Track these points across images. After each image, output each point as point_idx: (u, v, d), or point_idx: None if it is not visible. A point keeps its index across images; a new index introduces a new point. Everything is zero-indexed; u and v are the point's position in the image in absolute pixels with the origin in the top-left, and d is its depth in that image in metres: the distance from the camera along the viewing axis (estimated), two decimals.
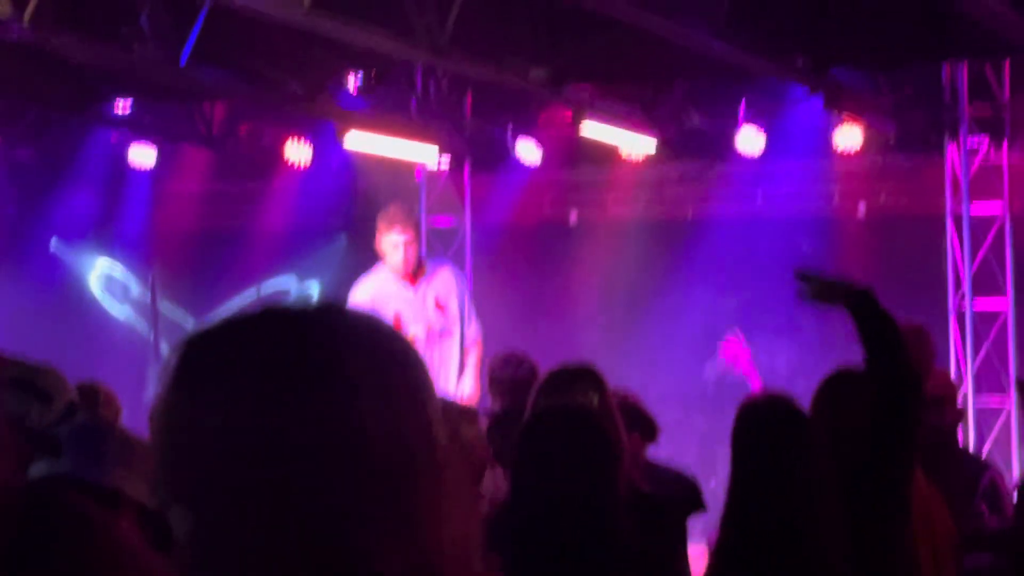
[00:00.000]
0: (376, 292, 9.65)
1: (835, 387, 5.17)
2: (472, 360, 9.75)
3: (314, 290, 14.29)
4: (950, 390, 7.70)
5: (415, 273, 9.69)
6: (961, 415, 8.10)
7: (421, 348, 9.34)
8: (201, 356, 1.73)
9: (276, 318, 1.74)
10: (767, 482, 4.38)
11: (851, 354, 6.97)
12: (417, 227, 9.83)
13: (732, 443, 4.53)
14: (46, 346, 11.61)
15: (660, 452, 7.36)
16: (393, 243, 9.60)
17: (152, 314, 13.29)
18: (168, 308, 14.21)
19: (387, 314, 9.50)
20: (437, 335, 9.54)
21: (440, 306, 9.67)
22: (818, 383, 5.20)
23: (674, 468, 6.65)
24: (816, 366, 7.39)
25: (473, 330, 9.73)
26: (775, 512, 4.33)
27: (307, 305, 1.76)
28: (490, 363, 8.36)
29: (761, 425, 4.50)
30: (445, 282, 9.75)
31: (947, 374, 8.80)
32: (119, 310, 14.70)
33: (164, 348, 13.93)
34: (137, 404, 12.86)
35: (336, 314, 1.76)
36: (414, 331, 9.52)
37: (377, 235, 9.84)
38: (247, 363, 1.70)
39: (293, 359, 1.69)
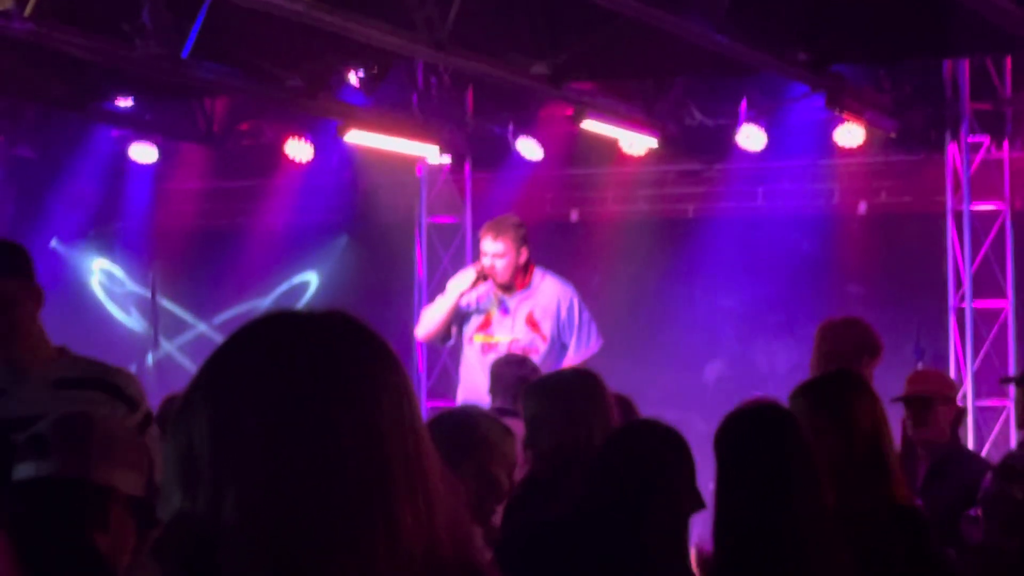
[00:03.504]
0: (466, 294, 9.40)
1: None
2: None
3: (312, 281, 14.28)
4: (945, 389, 7.68)
5: (513, 285, 9.38)
6: (962, 413, 8.09)
7: (497, 355, 9.22)
8: (220, 363, 1.84)
9: (286, 326, 1.85)
10: (757, 492, 4.33)
11: None
12: (514, 239, 9.34)
13: (720, 452, 4.49)
14: None
15: None
16: (483, 252, 9.43)
17: (152, 312, 13.30)
18: (168, 306, 14.21)
19: (477, 316, 9.42)
20: (520, 349, 9.24)
21: (533, 323, 9.36)
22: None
23: None
24: None
25: (582, 346, 9.31)
26: (768, 522, 4.29)
27: (313, 312, 1.87)
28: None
29: (748, 433, 4.46)
30: (546, 300, 9.40)
31: (939, 373, 8.73)
32: (119, 308, 14.70)
33: (164, 346, 13.94)
34: None
35: (337, 321, 1.86)
36: (498, 338, 9.33)
37: None
38: (265, 368, 1.80)
39: (299, 370, 1.79)
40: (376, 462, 1.76)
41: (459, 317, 9.47)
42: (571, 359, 9.28)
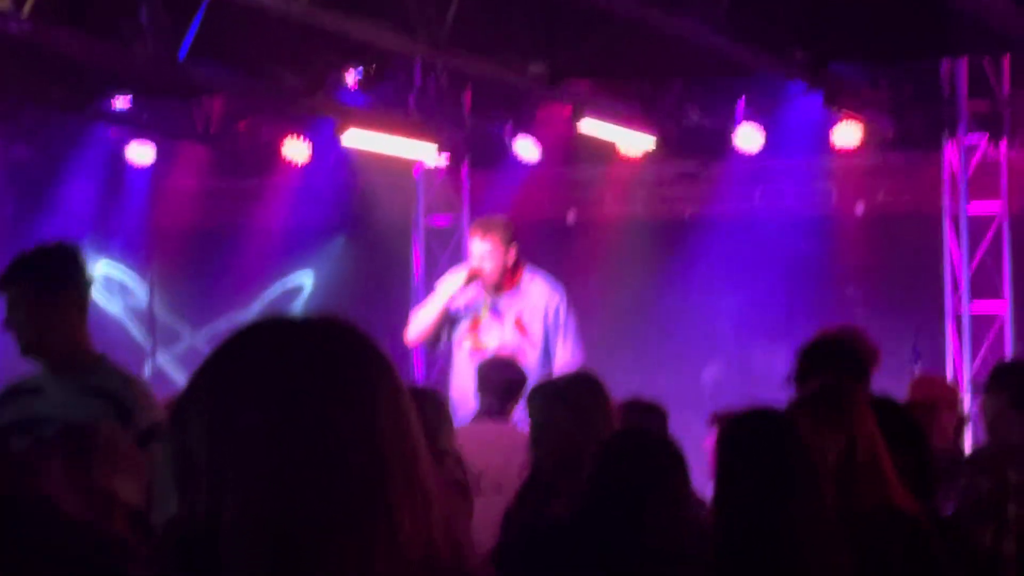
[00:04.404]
0: (456, 297, 9.38)
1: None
2: None
3: (307, 281, 14.26)
4: (949, 395, 7.69)
5: (501, 285, 9.31)
6: (964, 420, 8.10)
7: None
8: (217, 366, 1.84)
9: (283, 329, 1.85)
10: (757, 494, 4.35)
11: None
12: (503, 238, 9.25)
13: (720, 454, 4.51)
14: None
15: None
16: (472, 250, 9.39)
17: (149, 312, 13.30)
18: (165, 306, 14.20)
19: (466, 319, 9.39)
20: (508, 352, 9.20)
21: (521, 325, 9.29)
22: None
23: None
24: None
25: (562, 359, 9.19)
26: (767, 524, 4.31)
27: (308, 318, 1.86)
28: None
29: (749, 436, 4.48)
30: (534, 302, 9.30)
31: (943, 380, 8.72)
32: (117, 308, 14.69)
33: (161, 346, 13.93)
34: None
35: (332, 325, 1.86)
36: (486, 341, 9.29)
37: None
38: (264, 370, 1.79)
39: (297, 370, 1.79)
40: (376, 463, 1.76)
41: (449, 320, 9.42)
42: (559, 369, 9.19)
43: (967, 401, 11.59)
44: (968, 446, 11.10)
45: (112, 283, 14.74)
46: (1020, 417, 5.99)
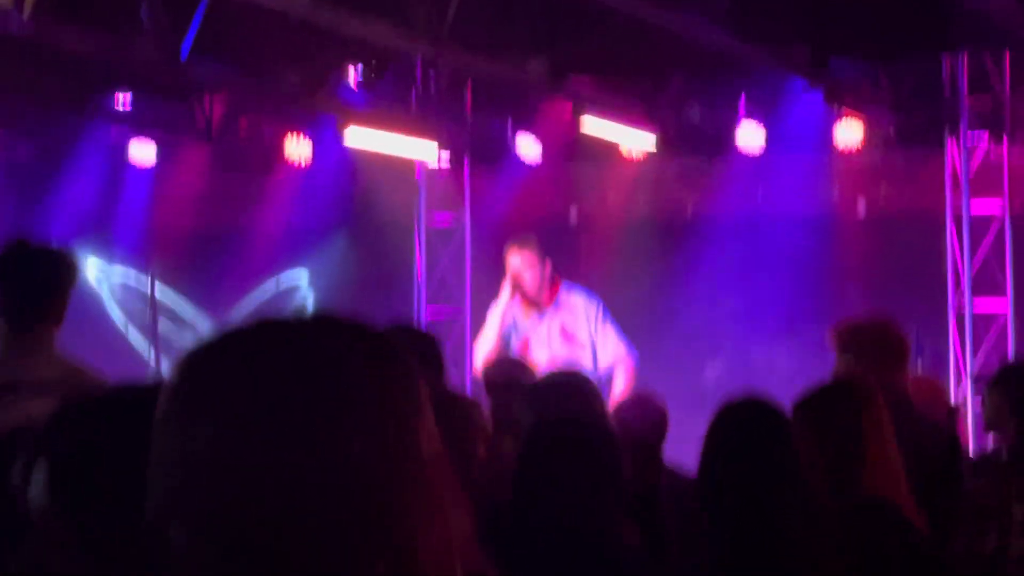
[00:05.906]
0: (506, 315, 9.40)
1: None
2: (618, 378, 9.37)
3: (303, 280, 14.26)
4: (924, 392, 7.68)
5: (540, 299, 9.37)
6: (953, 414, 8.09)
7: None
8: (198, 375, 1.72)
9: (269, 335, 1.73)
10: (741, 487, 4.34)
11: None
12: (537, 251, 9.37)
13: (706, 444, 4.51)
14: None
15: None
16: (509, 267, 9.45)
17: (151, 311, 13.29)
18: (171, 302, 14.20)
19: (515, 339, 9.44)
20: (560, 363, 9.22)
21: (567, 336, 9.35)
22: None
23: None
24: (816, 365, 7.38)
25: (609, 352, 9.32)
26: (752, 516, 4.31)
27: (302, 319, 1.74)
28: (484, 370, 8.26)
29: (739, 427, 4.48)
30: (574, 311, 9.41)
31: (919, 378, 8.70)
32: (117, 308, 14.69)
33: (162, 346, 13.92)
34: None
35: (330, 329, 1.75)
36: (537, 357, 9.31)
37: None
38: (243, 383, 1.68)
39: (287, 379, 1.67)
40: (399, 474, 1.68)
41: (506, 341, 9.50)
42: (610, 365, 9.31)
43: (970, 399, 11.59)
44: (970, 441, 11.12)
45: (114, 282, 14.74)
46: (1016, 419, 6.02)
